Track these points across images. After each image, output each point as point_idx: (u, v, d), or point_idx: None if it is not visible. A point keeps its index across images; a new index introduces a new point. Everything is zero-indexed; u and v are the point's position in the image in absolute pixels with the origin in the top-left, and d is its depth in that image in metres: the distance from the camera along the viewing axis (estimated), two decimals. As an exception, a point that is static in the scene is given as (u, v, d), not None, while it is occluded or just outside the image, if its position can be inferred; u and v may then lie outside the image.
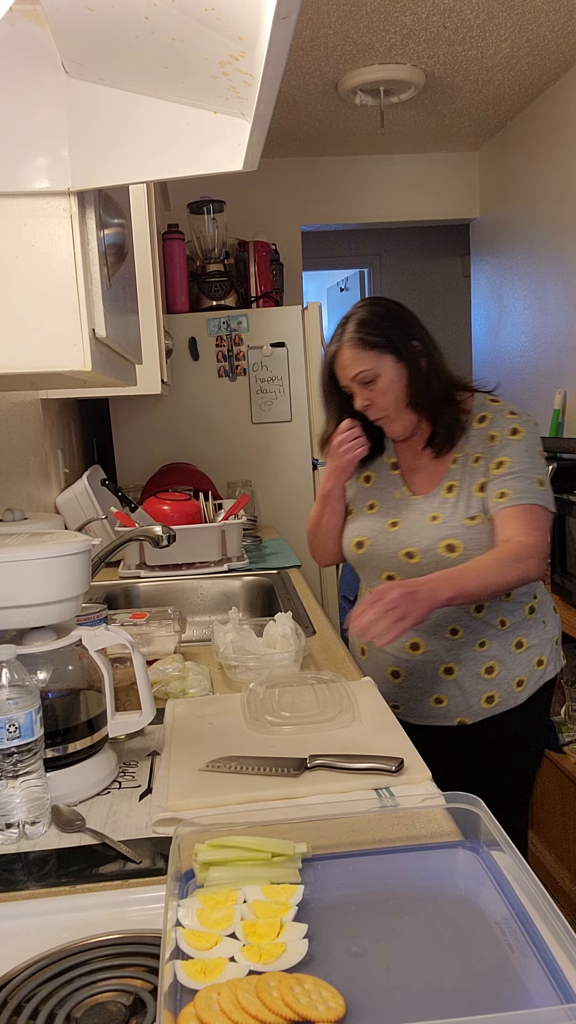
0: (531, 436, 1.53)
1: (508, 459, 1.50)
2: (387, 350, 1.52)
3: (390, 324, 1.53)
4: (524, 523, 1.46)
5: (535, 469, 1.50)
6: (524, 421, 1.55)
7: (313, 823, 0.87)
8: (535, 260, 3.54)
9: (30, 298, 0.86)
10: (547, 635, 1.64)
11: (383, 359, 1.51)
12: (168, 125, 0.77)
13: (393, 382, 1.52)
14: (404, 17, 2.61)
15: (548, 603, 1.68)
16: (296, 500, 3.21)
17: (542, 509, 1.48)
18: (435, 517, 1.54)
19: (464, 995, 0.63)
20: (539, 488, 1.49)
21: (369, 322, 1.52)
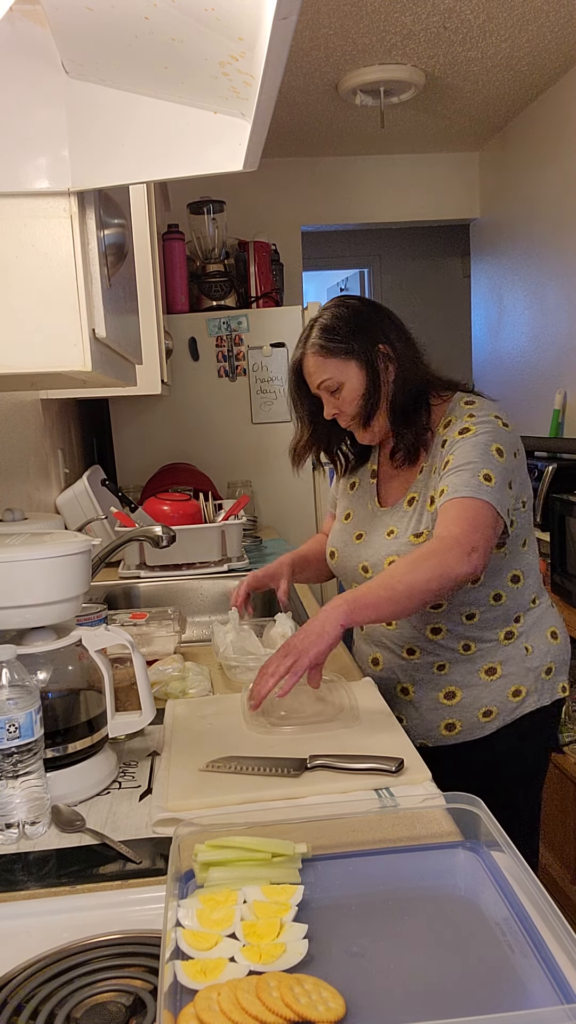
0: (485, 433, 1.36)
1: (452, 458, 1.37)
2: (351, 356, 1.41)
3: (354, 329, 1.42)
4: (451, 517, 1.30)
5: (481, 463, 1.33)
6: (480, 420, 1.39)
7: (313, 823, 0.87)
8: (535, 260, 3.54)
9: (30, 298, 0.86)
10: (530, 664, 1.46)
11: (347, 366, 1.42)
12: (168, 125, 0.77)
13: (355, 390, 1.42)
14: (404, 17, 2.61)
15: (541, 628, 1.49)
16: (296, 501, 3.21)
17: (478, 502, 1.29)
18: (392, 531, 1.45)
19: (464, 995, 0.63)
20: (481, 482, 1.31)
21: (332, 327, 1.43)
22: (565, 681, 1.51)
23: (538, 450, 3.09)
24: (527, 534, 1.47)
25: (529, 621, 1.48)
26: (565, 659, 1.52)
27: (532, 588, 1.49)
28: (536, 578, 1.50)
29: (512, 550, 1.43)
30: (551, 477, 2.73)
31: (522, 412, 3.68)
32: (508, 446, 1.38)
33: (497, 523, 1.31)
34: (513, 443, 1.40)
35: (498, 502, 1.31)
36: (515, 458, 1.40)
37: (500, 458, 1.34)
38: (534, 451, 3.10)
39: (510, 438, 1.39)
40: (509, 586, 1.45)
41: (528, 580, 1.47)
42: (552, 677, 1.49)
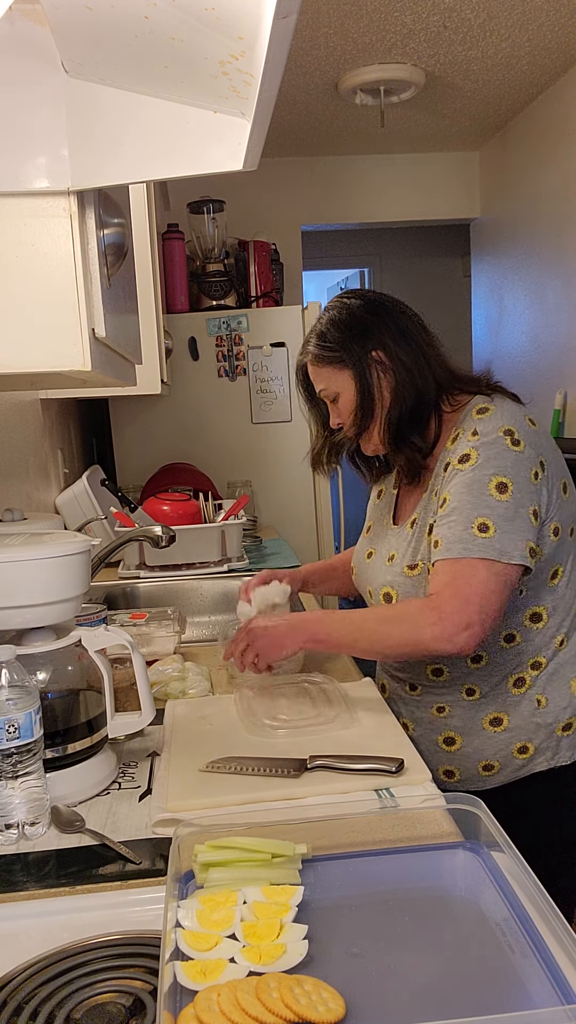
0: (485, 463, 1.19)
1: (448, 495, 1.21)
2: (344, 365, 1.29)
3: (349, 335, 1.29)
4: (441, 582, 1.18)
5: (475, 508, 1.17)
6: (484, 442, 1.21)
7: (313, 824, 0.87)
8: (535, 260, 3.53)
9: (30, 298, 0.85)
10: (542, 719, 1.27)
11: (341, 376, 1.30)
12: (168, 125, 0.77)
13: (352, 401, 1.30)
14: (404, 17, 2.61)
15: (564, 677, 1.29)
16: (296, 500, 3.21)
17: (472, 563, 1.16)
18: (392, 556, 1.33)
19: (464, 996, 0.63)
20: (475, 535, 1.16)
21: (326, 334, 1.31)
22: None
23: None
24: (560, 564, 1.26)
25: (550, 668, 1.28)
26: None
27: (559, 628, 1.28)
28: (568, 617, 1.29)
29: (535, 585, 1.25)
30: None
31: (522, 412, 3.68)
32: (518, 472, 1.19)
33: (503, 575, 1.16)
34: (528, 462, 1.20)
35: (500, 552, 1.16)
36: (535, 480, 1.20)
37: (502, 495, 1.18)
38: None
39: (523, 458, 1.20)
40: (527, 626, 1.26)
41: (554, 619, 1.27)
42: (573, 735, 1.29)
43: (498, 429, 1.21)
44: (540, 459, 1.22)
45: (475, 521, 1.17)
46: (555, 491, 1.23)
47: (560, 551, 1.25)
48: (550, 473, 1.23)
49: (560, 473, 1.26)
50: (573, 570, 1.29)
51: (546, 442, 1.25)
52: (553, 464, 1.24)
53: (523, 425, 1.23)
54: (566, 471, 1.28)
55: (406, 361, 1.29)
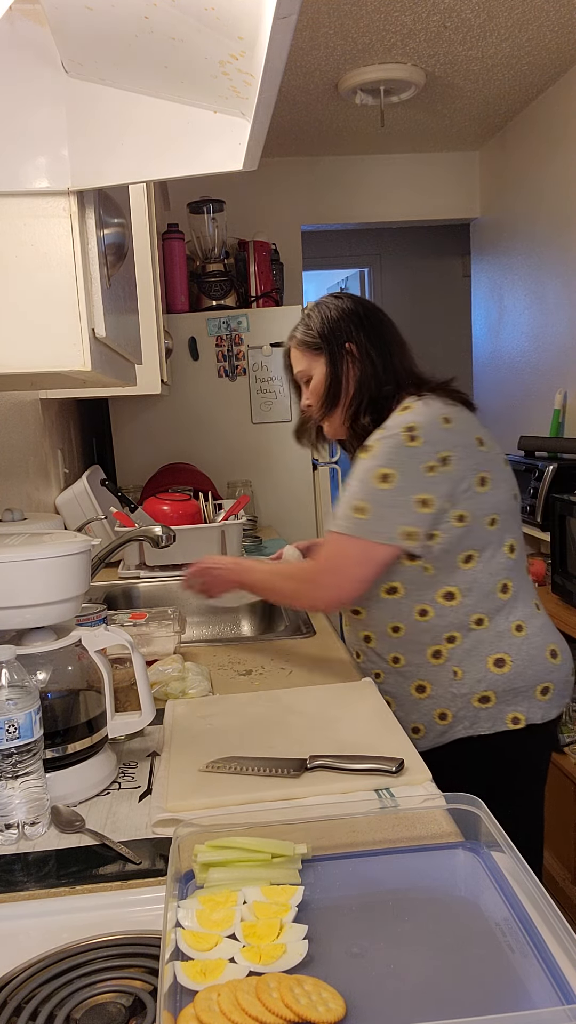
0: (377, 456, 1.34)
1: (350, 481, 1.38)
2: (321, 352, 1.48)
3: (330, 325, 1.48)
4: (323, 552, 1.40)
5: (358, 493, 1.34)
6: (385, 436, 1.35)
7: (313, 824, 0.87)
8: (535, 260, 3.53)
9: (30, 298, 0.85)
10: (459, 690, 1.40)
11: (317, 361, 1.49)
12: (168, 125, 0.77)
13: (320, 384, 1.49)
14: (404, 17, 2.61)
15: (480, 654, 1.39)
16: (296, 500, 3.21)
17: (343, 539, 1.34)
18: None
19: (464, 996, 0.63)
20: (351, 515, 1.33)
21: (311, 323, 1.50)
22: (519, 713, 1.40)
23: (538, 450, 3.09)
24: (475, 550, 1.38)
25: (466, 644, 1.40)
26: (514, 689, 1.40)
27: (474, 608, 1.39)
28: (485, 599, 1.39)
29: (443, 566, 1.37)
30: (551, 477, 2.73)
31: (522, 412, 3.68)
32: (406, 464, 1.32)
33: (369, 551, 1.33)
34: (423, 456, 1.32)
35: (372, 532, 1.32)
36: (429, 473, 1.32)
37: (383, 484, 1.31)
38: (534, 451, 3.11)
39: (416, 452, 1.32)
40: (439, 603, 1.39)
41: (468, 599, 1.39)
42: (493, 707, 1.40)
43: (401, 426, 1.35)
44: (443, 455, 1.33)
45: (354, 503, 1.35)
46: (465, 484, 1.35)
47: (471, 537, 1.37)
48: (459, 468, 1.34)
49: (477, 468, 1.36)
50: (492, 558, 1.39)
51: (461, 439, 1.36)
52: (466, 460, 1.35)
53: (432, 423, 1.35)
54: (492, 467, 1.39)
55: (374, 357, 1.46)
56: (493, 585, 1.39)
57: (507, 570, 1.41)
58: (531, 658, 1.40)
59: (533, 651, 1.41)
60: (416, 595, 1.39)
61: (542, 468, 2.78)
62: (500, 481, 1.40)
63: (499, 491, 1.39)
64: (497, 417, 3.96)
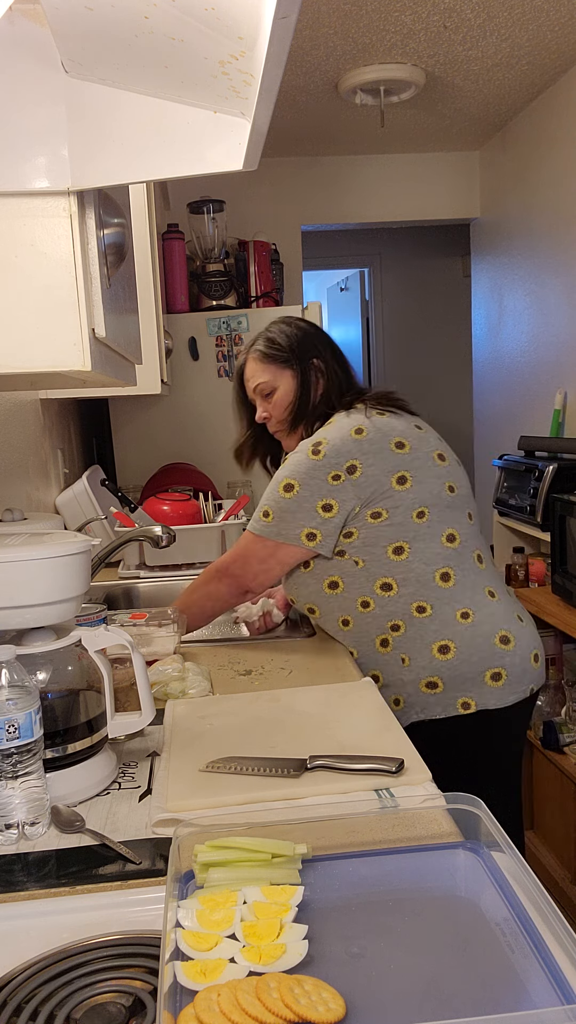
0: (284, 468, 1.49)
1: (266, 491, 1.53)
2: (287, 365, 1.57)
3: (295, 343, 1.58)
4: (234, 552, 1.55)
5: (265, 499, 1.50)
6: (296, 451, 1.50)
7: (313, 824, 0.87)
8: (535, 260, 3.53)
9: (30, 298, 0.85)
10: (407, 676, 1.48)
11: (282, 373, 1.58)
12: (168, 125, 0.77)
13: (287, 395, 1.57)
14: (404, 16, 2.61)
15: (425, 641, 1.47)
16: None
17: (250, 537, 1.51)
18: None
19: (464, 996, 0.63)
20: (259, 518, 1.50)
21: (275, 339, 1.59)
22: (469, 698, 1.46)
23: (538, 450, 3.09)
24: (404, 541, 1.46)
25: (411, 631, 1.47)
26: (461, 675, 1.46)
27: (413, 597, 1.46)
28: (424, 588, 1.46)
29: (374, 559, 1.47)
30: (551, 477, 2.73)
31: (522, 412, 3.68)
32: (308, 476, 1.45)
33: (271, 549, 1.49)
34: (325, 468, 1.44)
35: (275, 533, 1.48)
36: (333, 482, 1.45)
37: (287, 493, 1.46)
38: (534, 451, 3.11)
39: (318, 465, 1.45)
40: (378, 594, 1.47)
41: (406, 589, 1.46)
42: (442, 693, 1.46)
43: (310, 442, 1.48)
44: (349, 463, 1.45)
45: (262, 507, 1.50)
46: (380, 484, 1.45)
47: (394, 531, 1.46)
48: (370, 472, 1.45)
49: (393, 469, 1.47)
50: (426, 548, 1.47)
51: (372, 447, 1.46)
52: (378, 464, 1.46)
53: (341, 436, 1.46)
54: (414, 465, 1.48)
55: (338, 373, 1.59)
56: (431, 574, 1.46)
57: (445, 559, 1.48)
58: (476, 644, 1.46)
59: (479, 638, 1.46)
60: (356, 588, 1.48)
61: (542, 468, 2.78)
62: (425, 477, 1.48)
63: (424, 486, 1.48)
64: (497, 417, 3.96)
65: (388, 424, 1.51)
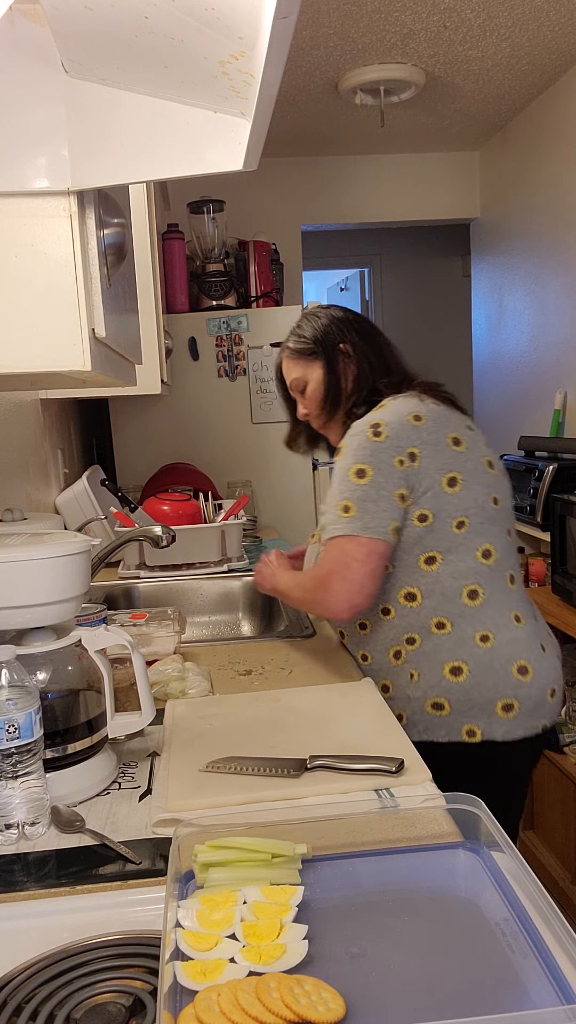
0: (347, 454, 1.36)
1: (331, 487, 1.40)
2: (315, 357, 1.51)
3: (322, 331, 1.51)
4: (322, 559, 1.36)
5: (339, 493, 1.34)
6: (352, 434, 1.37)
7: (313, 824, 0.87)
8: (535, 260, 3.53)
9: (30, 298, 0.85)
10: (413, 692, 1.38)
11: (312, 366, 1.51)
12: (168, 124, 0.77)
13: (318, 388, 1.51)
14: (404, 17, 2.61)
15: (438, 659, 1.36)
16: (296, 500, 3.21)
17: (339, 540, 1.33)
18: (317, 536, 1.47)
19: (464, 996, 0.63)
20: (340, 516, 1.33)
21: (302, 331, 1.53)
22: (475, 726, 1.35)
23: (538, 450, 3.09)
24: (437, 551, 1.36)
25: (426, 647, 1.37)
26: (469, 700, 1.34)
27: (435, 611, 1.37)
28: (447, 603, 1.36)
29: (403, 566, 1.37)
30: (551, 477, 2.73)
31: (522, 412, 3.68)
32: (377, 459, 1.32)
33: (367, 547, 1.31)
34: (389, 451, 1.33)
35: (363, 527, 1.31)
36: (400, 467, 1.32)
37: (360, 479, 1.32)
38: (534, 451, 3.10)
39: (382, 447, 1.33)
40: (401, 603, 1.38)
41: (429, 601, 1.37)
42: (448, 716, 1.36)
43: (366, 424, 1.36)
44: (410, 450, 1.34)
45: (339, 504, 1.34)
46: (432, 482, 1.34)
47: (432, 538, 1.36)
48: (426, 465, 1.34)
49: (446, 467, 1.35)
50: (459, 561, 1.36)
51: (430, 437, 1.36)
52: (434, 458, 1.35)
53: (399, 420, 1.35)
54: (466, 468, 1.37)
55: (368, 354, 1.50)
56: (458, 589, 1.36)
57: (476, 575, 1.37)
58: (491, 671, 1.35)
59: (496, 664, 1.35)
60: (381, 594, 1.39)
61: (542, 468, 2.78)
62: (474, 484, 1.37)
63: (471, 493, 1.36)
64: (497, 417, 3.96)
65: (445, 416, 1.40)
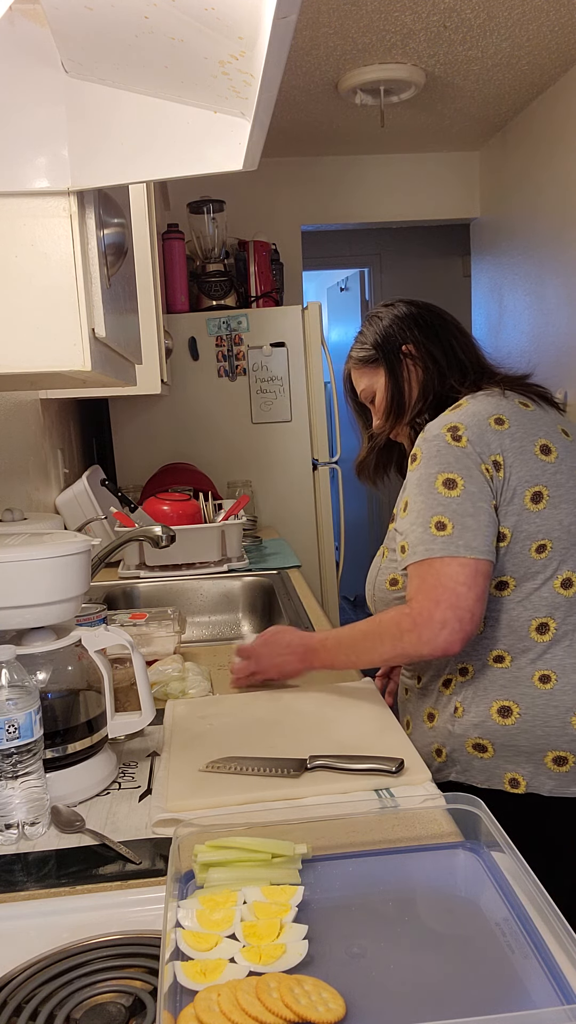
0: (427, 462, 1.19)
1: (407, 498, 1.23)
2: (378, 364, 1.38)
3: (383, 333, 1.38)
4: (415, 587, 1.18)
5: (428, 508, 1.17)
6: (427, 439, 1.21)
7: (313, 824, 0.87)
8: (535, 260, 3.53)
9: (30, 298, 0.85)
10: (454, 727, 1.24)
11: (377, 374, 1.39)
12: (168, 124, 0.77)
13: (383, 398, 1.38)
14: (404, 16, 2.61)
15: (487, 697, 1.22)
16: (296, 500, 3.21)
17: (435, 563, 1.15)
18: (383, 552, 1.36)
19: (464, 996, 0.63)
20: (435, 535, 1.15)
21: (363, 336, 1.41)
22: (519, 775, 1.20)
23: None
24: (510, 576, 1.21)
25: (477, 680, 1.24)
26: (515, 746, 1.20)
27: (497, 643, 1.23)
28: (511, 635, 1.22)
29: None
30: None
31: (522, 412, 3.68)
32: (465, 467, 1.17)
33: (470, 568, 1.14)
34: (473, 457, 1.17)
35: (465, 547, 1.14)
36: (486, 475, 1.17)
37: (451, 491, 1.16)
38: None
39: (466, 453, 1.17)
40: None
41: (492, 631, 1.22)
42: (490, 759, 1.22)
43: (442, 427, 1.21)
44: (494, 458, 1.18)
45: (431, 520, 1.16)
46: (514, 496, 1.19)
47: (507, 562, 1.20)
48: (510, 476, 1.19)
49: (532, 480, 1.19)
50: (534, 590, 1.20)
51: (514, 443, 1.20)
52: (518, 468, 1.19)
53: (479, 424, 1.20)
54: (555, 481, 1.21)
55: (435, 353, 1.36)
56: (527, 621, 1.21)
57: (551, 608, 1.20)
58: (546, 717, 1.19)
59: (552, 709, 1.19)
60: None
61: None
62: (562, 501, 1.20)
63: (557, 513, 1.20)
64: (497, 417, 3.95)
65: (533, 419, 1.23)
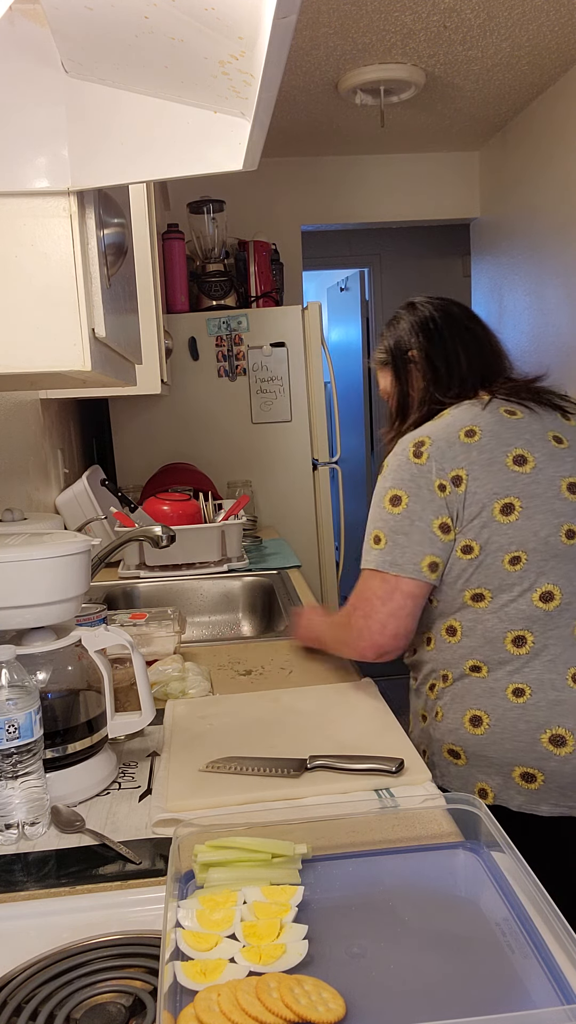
0: (386, 475, 1.23)
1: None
2: (388, 365, 1.40)
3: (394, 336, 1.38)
4: (354, 592, 1.25)
5: (373, 521, 1.22)
6: (395, 453, 1.24)
7: (313, 824, 0.87)
8: (535, 260, 3.53)
9: (30, 298, 0.85)
10: (434, 731, 1.28)
11: (389, 376, 1.40)
12: (168, 124, 0.77)
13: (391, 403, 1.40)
14: (404, 16, 2.61)
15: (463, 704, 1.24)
16: (296, 500, 3.21)
17: (365, 574, 1.22)
18: None
19: (464, 996, 0.63)
20: (371, 547, 1.21)
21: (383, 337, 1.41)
22: (487, 785, 1.22)
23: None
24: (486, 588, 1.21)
25: (455, 687, 1.25)
26: (485, 757, 1.21)
27: (473, 653, 1.23)
28: (487, 645, 1.22)
29: (447, 599, 1.24)
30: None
31: (522, 412, 3.68)
32: (415, 485, 1.19)
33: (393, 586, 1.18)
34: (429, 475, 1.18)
35: (390, 564, 1.19)
36: (441, 493, 1.18)
37: (395, 508, 1.19)
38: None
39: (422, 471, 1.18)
40: (441, 636, 1.27)
41: (469, 640, 1.23)
42: (464, 767, 1.23)
43: (411, 441, 1.23)
44: (454, 473, 1.18)
45: (372, 533, 1.23)
46: (480, 509, 1.19)
47: (480, 574, 1.21)
48: (474, 489, 1.18)
49: (501, 491, 1.19)
50: (510, 602, 1.20)
51: (482, 456, 1.19)
52: (486, 480, 1.19)
53: (446, 437, 1.20)
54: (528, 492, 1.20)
55: (436, 363, 1.33)
56: (502, 633, 1.21)
57: (529, 620, 1.20)
58: (516, 731, 1.19)
59: (523, 724, 1.19)
60: (424, 623, 1.31)
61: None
62: (537, 512, 1.19)
63: (532, 523, 1.19)
64: (497, 417, 3.95)
65: (514, 428, 1.22)
